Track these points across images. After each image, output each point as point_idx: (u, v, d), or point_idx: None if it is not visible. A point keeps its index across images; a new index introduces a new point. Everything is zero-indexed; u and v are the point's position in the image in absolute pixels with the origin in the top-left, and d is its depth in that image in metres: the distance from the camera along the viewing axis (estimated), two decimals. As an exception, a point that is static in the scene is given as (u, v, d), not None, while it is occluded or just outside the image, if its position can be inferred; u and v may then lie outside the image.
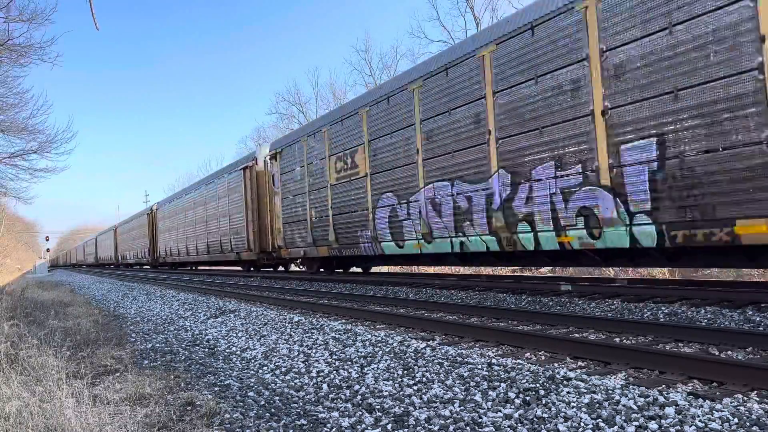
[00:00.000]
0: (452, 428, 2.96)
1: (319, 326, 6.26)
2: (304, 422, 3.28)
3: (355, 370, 4.33)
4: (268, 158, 17.25)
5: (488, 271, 15.69)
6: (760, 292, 6.45)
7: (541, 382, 3.49)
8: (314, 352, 5.13)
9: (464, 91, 8.95)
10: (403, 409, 3.34)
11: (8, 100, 17.02)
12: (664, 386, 3.42)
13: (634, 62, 6.45)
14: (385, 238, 11.21)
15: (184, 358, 5.55)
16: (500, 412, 3.11)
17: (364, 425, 3.15)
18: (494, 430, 2.88)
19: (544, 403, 3.16)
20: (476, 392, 3.47)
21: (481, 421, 3.00)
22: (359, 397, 3.69)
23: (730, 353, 4.24)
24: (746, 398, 3.11)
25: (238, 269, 23.59)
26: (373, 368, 4.30)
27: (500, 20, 9.12)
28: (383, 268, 17.69)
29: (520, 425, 2.90)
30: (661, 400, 2.98)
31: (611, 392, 3.18)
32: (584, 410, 2.97)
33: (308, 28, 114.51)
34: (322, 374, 4.35)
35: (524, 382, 3.53)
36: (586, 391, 3.26)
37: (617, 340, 4.94)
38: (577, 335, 5.27)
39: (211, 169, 56.90)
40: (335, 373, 4.33)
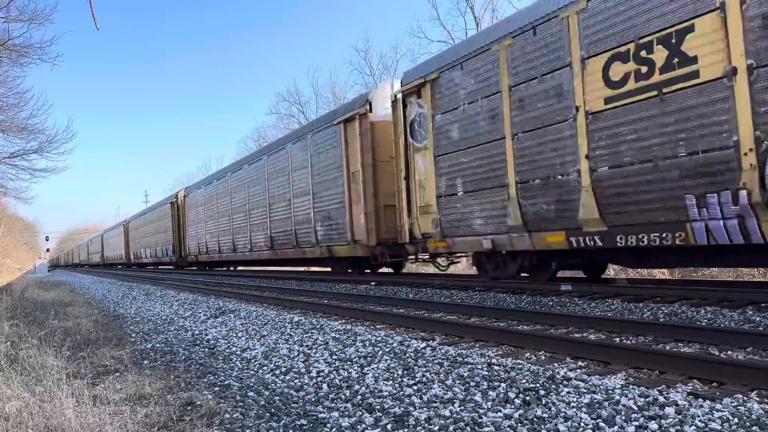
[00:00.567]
0: (452, 428, 2.96)
1: (319, 326, 6.26)
2: (304, 422, 3.28)
3: (355, 370, 4.33)
4: (401, 96, 10.92)
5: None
6: (760, 292, 6.45)
7: (541, 382, 3.49)
8: (314, 352, 5.13)
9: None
10: (403, 409, 3.34)
11: (8, 100, 17.04)
12: (664, 386, 3.41)
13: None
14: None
15: (184, 358, 5.55)
16: (500, 412, 3.11)
17: (364, 425, 3.15)
18: (494, 430, 2.88)
19: (544, 403, 3.16)
20: (476, 392, 3.46)
21: (481, 421, 3.00)
22: (359, 397, 3.69)
23: (730, 353, 4.24)
24: (746, 398, 3.11)
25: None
26: (373, 368, 4.30)
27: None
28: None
29: (520, 425, 2.90)
30: (661, 400, 2.98)
31: (611, 392, 3.18)
32: (584, 410, 2.97)
33: (308, 28, 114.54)
34: (322, 374, 4.35)
35: (524, 382, 3.53)
36: (586, 391, 3.26)
37: (617, 340, 4.94)
38: (577, 335, 5.27)
39: (211, 169, 56.74)
40: (335, 373, 4.33)
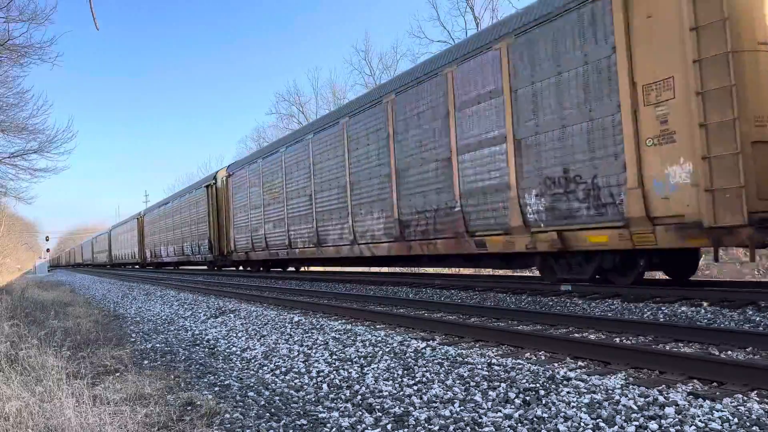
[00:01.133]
0: (452, 428, 2.96)
1: (319, 326, 6.26)
2: (304, 422, 3.28)
3: (355, 370, 4.33)
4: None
5: (488, 271, 15.67)
6: (760, 292, 6.45)
7: (541, 382, 3.49)
8: (314, 352, 5.13)
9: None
10: (403, 409, 3.34)
11: (8, 100, 17.02)
12: (664, 386, 3.41)
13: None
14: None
15: (184, 358, 5.55)
16: (500, 412, 3.11)
17: (364, 425, 3.15)
18: (494, 430, 2.88)
19: (544, 403, 3.16)
20: (476, 392, 3.46)
21: (481, 421, 3.00)
22: (359, 397, 3.69)
23: (730, 353, 4.24)
24: (746, 398, 3.11)
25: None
26: (373, 368, 4.30)
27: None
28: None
29: (520, 425, 2.90)
30: (661, 400, 2.98)
31: (611, 392, 3.18)
32: (584, 410, 2.97)
33: (308, 28, 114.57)
34: (322, 374, 4.35)
35: (524, 382, 3.53)
36: (586, 391, 3.25)
37: (617, 340, 4.94)
38: (577, 335, 5.27)
39: (211, 169, 56.51)
40: (335, 373, 4.33)
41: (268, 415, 3.47)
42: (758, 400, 3.09)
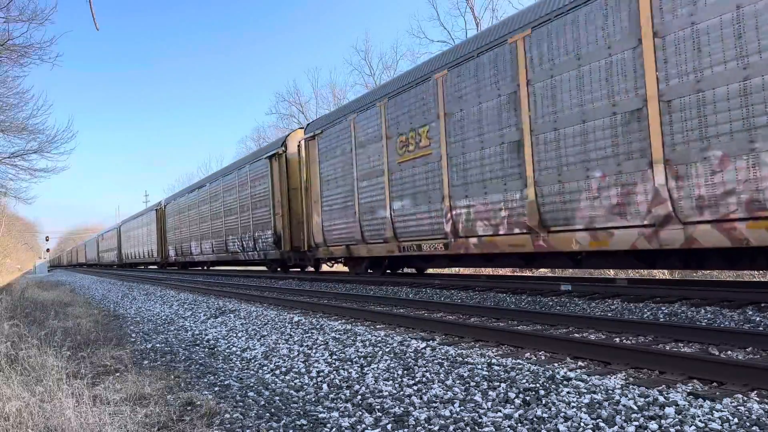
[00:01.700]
0: (452, 428, 2.96)
1: (319, 326, 6.26)
2: (304, 422, 3.28)
3: (355, 370, 4.33)
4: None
5: (488, 271, 15.68)
6: (760, 292, 6.45)
7: (541, 382, 3.49)
8: (314, 352, 5.13)
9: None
10: (403, 409, 3.34)
11: (8, 100, 17.05)
12: (664, 386, 3.41)
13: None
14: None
15: (184, 358, 5.55)
16: (500, 412, 3.11)
17: (364, 425, 3.15)
18: (494, 430, 2.88)
19: (544, 403, 3.16)
20: (476, 392, 3.46)
21: (481, 421, 3.00)
22: (359, 397, 3.69)
23: (730, 353, 4.24)
24: (746, 398, 3.11)
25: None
26: (373, 368, 4.30)
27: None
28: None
29: (520, 425, 2.90)
30: (661, 400, 2.98)
31: (611, 392, 3.18)
32: (584, 410, 2.97)
33: (308, 28, 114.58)
34: (322, 374, 4.35)
35: (524, 382, 3.53)
36: (586, 391, 3.25)
37: (617, 340, 4.94)
38: (577, 335, 5.27)
39: (211, 169, 56.14)
40: (335, 373, 4.33)
41: (268, 415, 3.47)
42: (758, 400, 3.09)
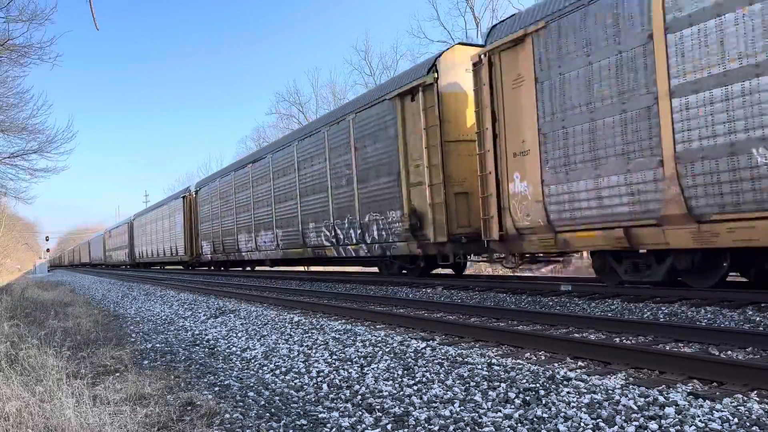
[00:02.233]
0: (452, 428, 2.96)
1: (319, 326, 6.26)
2: (304, 422, 3.28)
3: (355, 370, 4.33)
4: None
5: (488, 270, 15.67)
6: (760, 292, 6.44)
7: (541, 382, 3.49)
8: (314, 352, 5.13)
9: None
10: (403, 409, 3.34)
11: (8, 100, 17.02)
12: (664, 386, 3.41)
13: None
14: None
15: (184, 358, 5.55)
16: (500, 412, 3.11)
17: (364, 425, 3.15)
18: (494, 430, 2.88)
19: (544, 403, 3.16)
20: (476, 392, 3.46)
21: (481, 421, 3.00)
22: (359, 397, 3.69)
23: (730, 353, 4.24)
24: (746, 398, 3.11)
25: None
26: (373, 368, 4.30)
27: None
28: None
29: (520, 425, 2.90)
30: (661, 400, 2.98)
31: (611, 392, 3.17)
32: (584, 410, 2.97)
33: (308, 28, 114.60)
34: (322, 374, 4.35)
35: (524, 382, 3.53)
36: (586, 391, 3.25)
37: (617, 340, 4.94)
38: (577, 335, 5.27)
39: (211, 168, 55.79)
40: (335, 373, 4.33)
41: (268, 415, 3.47)
42: (758, 400, 3.09)
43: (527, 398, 3.25)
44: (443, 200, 10.12)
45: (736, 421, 2.68)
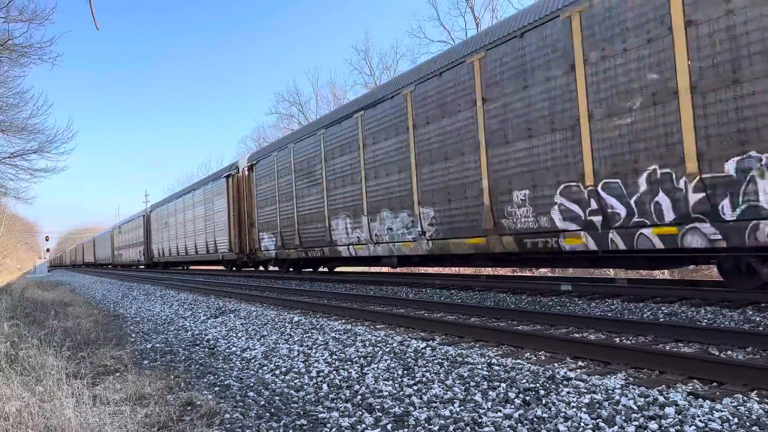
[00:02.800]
0: (452, 428, 2.96)
1: (319, 326, 6.26)
2: (304, 422, 3.28)
3: (355, 370, 4.33)
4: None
5: (488, 270, 15.68)
6: (760, 292, 6.44)
7: (541, 382, 3.49)
8: (314, 352, 5.13)
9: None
10: (403, 409, 3.34)
11: (8, 100, 17.03)
12: (664, 386, 3.41)
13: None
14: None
15: (184, 358, 5.55)
16: (500, 412, 3.11)
17: (364, 425, 3.15)
18: (494, 430, 2.88)
19: (544, 403, 3.16)
20: (476, 392, 3.46)
21: (481, 421, 3.00)
22: (359, 397, 3.69)
23: (730, 353, 4.24)
24: (746, 398, 3.11)
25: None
26: (373, 368, 4.30)
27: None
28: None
29: (520, 425, 2.90)
30: (661, 400, 2.98)
31: (611, 392, 3.18)
32: (584, 410, 2.97)
33: (308, 28, 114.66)
34: (322, 374, 4.35)
35: (524, 382, 3.53)
36: (586, 391, 3.25)
37: (617, 340, 4.94)
38: (577, 335, 5.27)
39: (211, 168, 55.46)
40: (335, 373, 4.33)
41: (268, 415, 3.47)
42: (758, 400, 3.09)
43: (527, 398, 3.25)
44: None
45: (736, 421, 2.68)
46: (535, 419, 2.95)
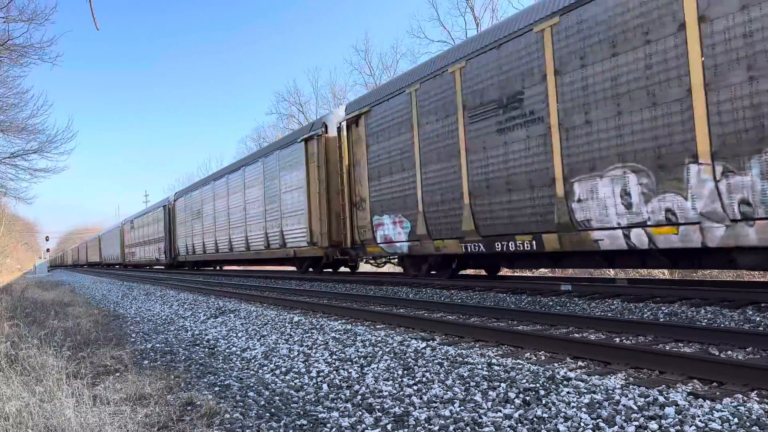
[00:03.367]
0: (452, 428, 2.96)
1: (319, 326, 6.26)
2: (304, 422, 3.28)
3: (355, 370, 4.33)
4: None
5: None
6: (760, 292, 6.45)
7: (541, 382, 3.49)
8: (314, 352, 5.13)
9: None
10: (403, 409, 3.34)
11: (8, 100, 17.04)
12: (664, 386, 3.41)
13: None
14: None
15: (184, 358, 5.55)
16: (500, 412, 3.11)
17: (364, 425, 3.15)
18: (494, 430, 2.88)
19: (544, 403, 3.16)
20: (476, 392, 3.46)
21: (481, 421, 3.00)
22: (359, 397, 3.69)
23: (730, 353, 4.24)
24: (746, 398, 3.11)
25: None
26: (373, 368, 4.30)
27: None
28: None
29: (520, 425, 2.90)
30: (661, 400, 2.98)
31: (611, 392, 3.18)
32: (584, 410, 2.97)
33: (308, 28, 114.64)
34: (322, 374, 4.35)
35: (524, 382, 3.53)
36: (586, 391, 3.25)
37: (617, 340, 4.94)
38: (577, 335, 5.27)
39: (211, 169, 54.99)
40: (335, 373, 4.33)
41: (268, 415, 3.47)
42: (758, 400, 3.09)
43: (527, 398, 3.25)
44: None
45: (736, 421, 2.68)
46: (535, 419, 2.95)
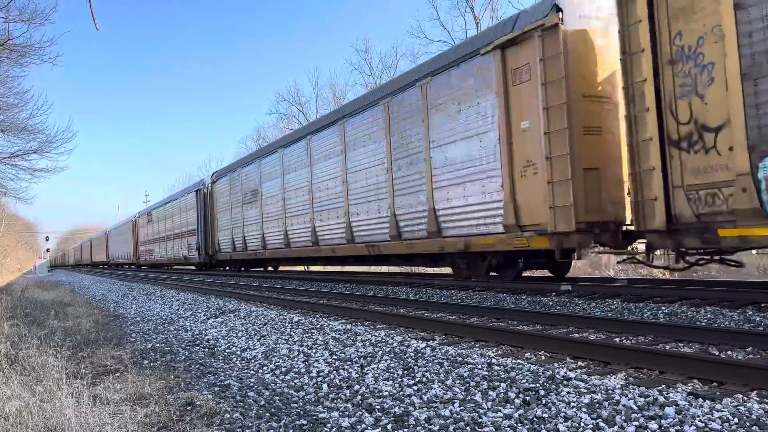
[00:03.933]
0: (452, 428, 2.96)
1: (319, 326, 6.26)
2: (304, 422, 3.28)
3: (355, 370, 4.33)
4: None
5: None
6: (760, 292, 6.45)
7: (541, 382, 3.49)
8: (314, 352, 5.13)
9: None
10: (403, 409, 3.34)
11: (8, 100, 17.01)
12: (664, 386, 3.41)
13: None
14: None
15: (184, 358, 5.55)
16: (500, 412, 3.11)
17: (364, 425, 3.15)
18: (494, 430, 2.88)
19: (544, 403, 3.16)
20: (476, 392, 3.46)
21: (481, 421, 3.00)
22: (359, 397, 3.69)
23: (730, 353, 4.24)
24: (746, 398, 3.11)
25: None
26: (373, 368, 4.30)
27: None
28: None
29: (520, 425, 2.90)
30: (661, 400, 2.98)
31: (611, 392, 3.17)
32: (584, 410, 2.97)
33: (308, 28, 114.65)
34: (322, 374, 4.35)
35: (524, 382, 3.53)
36: (586, 391, 3.25)
37: (617, 340, 4.94)
38: (577, 335, 5.27)
39: (211, 168, 55.03)
40: (335, 373, 4.33)
41: (268, 415, 3.47)
42: (758, 400, 3.09)
43: (527, 398, 3.25)
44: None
45: (736, 421, 2.68)
46: (535, 419, 2.95)
